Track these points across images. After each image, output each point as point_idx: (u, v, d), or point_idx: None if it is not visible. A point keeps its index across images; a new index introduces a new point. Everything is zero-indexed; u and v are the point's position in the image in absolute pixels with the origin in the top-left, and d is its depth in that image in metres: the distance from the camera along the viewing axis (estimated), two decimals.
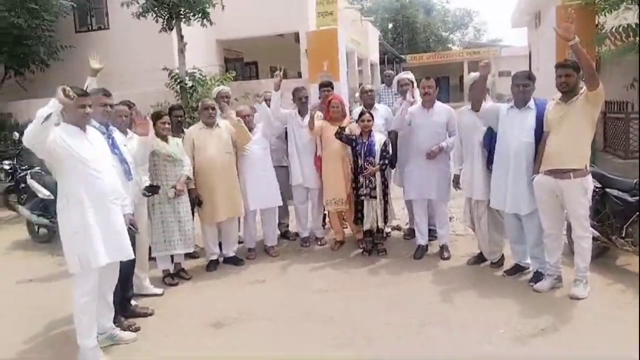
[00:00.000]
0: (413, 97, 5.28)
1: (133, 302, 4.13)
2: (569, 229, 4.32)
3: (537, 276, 4.21)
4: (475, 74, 4.57)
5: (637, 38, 7.63)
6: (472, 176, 4.52)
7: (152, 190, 4.26)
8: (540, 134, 4.05)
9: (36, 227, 6.64)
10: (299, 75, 12.10)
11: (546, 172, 3.93)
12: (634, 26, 7.75)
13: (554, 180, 3.88)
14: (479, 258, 4.78)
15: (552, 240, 4.06)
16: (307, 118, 5.52)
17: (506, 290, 4.16)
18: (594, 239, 4.14)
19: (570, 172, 3.82)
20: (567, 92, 3.84)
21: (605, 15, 8.39)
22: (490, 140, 4.36)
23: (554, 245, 4.07)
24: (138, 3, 8.08)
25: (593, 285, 3.99)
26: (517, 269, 4.46)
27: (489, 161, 4.36)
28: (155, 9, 7.96)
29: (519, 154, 4.10)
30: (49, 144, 3.13)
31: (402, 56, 31.11)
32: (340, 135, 5.10)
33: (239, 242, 5.50)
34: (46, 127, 3.03)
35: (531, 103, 4.14)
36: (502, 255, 4.68)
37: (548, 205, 3.99)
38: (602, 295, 3.93)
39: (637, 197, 4.17)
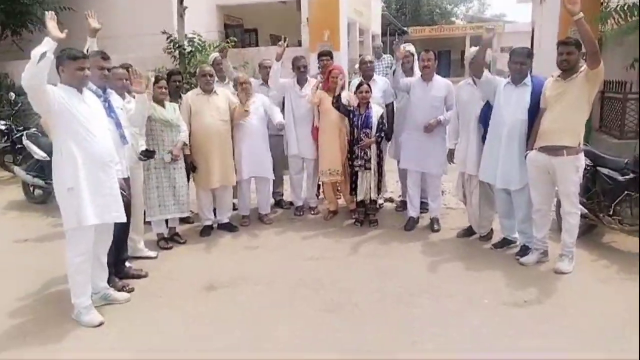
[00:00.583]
0: (412, 70, 5.26)
1: (127, 264, 4.20)
2: (558, 205, 4.38)
3: (524, 250, 4.30)
4: (475, 48, 4.56)
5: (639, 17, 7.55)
6: (466, 150, 4.55)
7: (148, 155, 4.28)
8: (534, 112, 4.07)
9: (31, 188, 6.67)
10: (299, 44, 11.95)
11: (540, 148, 3.97)
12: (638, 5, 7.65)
13: (547, 157, 3.92)
14: (468, 231, 4.86)
15: (541, 216, 4.13)
16: (305, 87, 5.51)
17: (493, 263, 4.25)
18: (582, 216, 4.20)
19: (563, 149, 3.85)
20: (568, 69, 3.84)
21: None
22: (486, 115, 4.38)
23: (543, 221, 4.14)
24: None
25: (578, 260, 4.08)
26: (505, 243, 4.54)
27: (485, 136, 4.38)
28: None
29: (513, 130, 4.12)
30: (47, 94, 3.12)
31: (405, 28, 30.66)
32: (337, 104, 5.10)
33: (234, 209, 5.56)
34: (42, 67, 3.03)
35: (527, 79, 4.14)
36: (491, 229, 4.76)
37: (539, 182, 4.04)
38: (586, 271, 4.02)
39: (627, 176, 4.23)
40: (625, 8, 7.62)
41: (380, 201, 5.65)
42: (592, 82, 3.79)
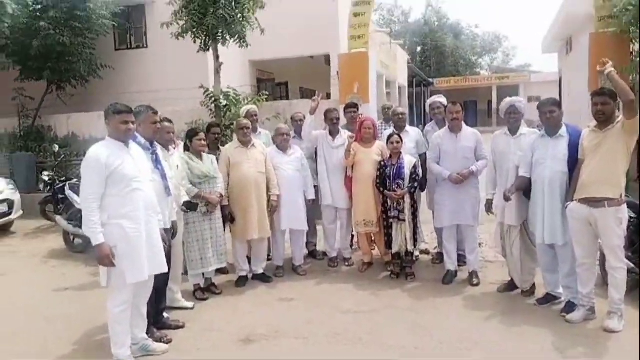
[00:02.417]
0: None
1: (165, 315, 4.22)
2: (603, 259, 4.25)
3: (570, 306, 4.14)
4: (511, 99, 4.61)
5: None
6: (505, 201, 4.50)
7: (190, 207, 4.38)
8: (573, 162, 4.03)
9: (72, 237, 6.85)
10: (328, 97, 12.25)
11: (580, 200, 3.90)
12: None
13: (588, 209, 3.84)
14: (510, 285, 4.73)
15: (585, 270, 4.00)
16: (338, 138, 5.61)
17: (538, 319, 4.10)
18: (629, 271, 4.05)
19: (604, 201, 3.78)
20: (604, 120, 3.82)
21: None
22: None
23: (587, 275, 4.01)
24: (178, 24, 8.36)
25: (627, 318, 3.90)
26: (549, 299, 4.39)
27: (527, 188, 4.32)
28: (194, 29, 8.23)
29: (553, 183, 4.08)
30: (99, 176, 3.37)
31: (430, 79, 31.15)
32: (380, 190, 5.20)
33: (268, 259, 5.57)
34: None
35: (563, 130, 4.13)
36: (534, 283, 4.62)
37: (582, 234, 3.94)
38: (637, 330, 3.82)
39: None
40: None
41: (416, 253, 5.58)
42: (629, 132, 3.75)
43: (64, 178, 7.93)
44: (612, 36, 8.28)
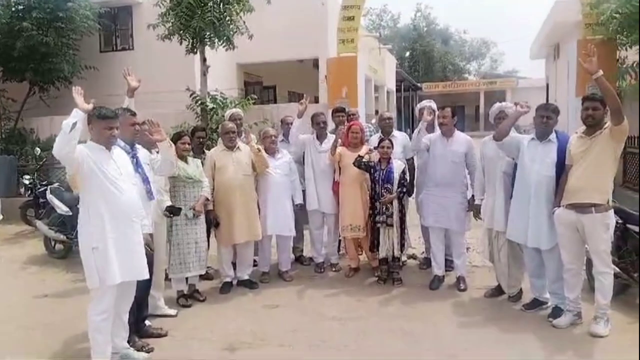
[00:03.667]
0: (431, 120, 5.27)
1: (147, 323, 4.12)
2: (589, 264, 4.24)
3: (556, 312, 4.13)
4: (500, 104, 4.60)
5: None
6: (493, 207, 4.48)
7: (173, 211, 4.29)
8: (561, 168, 4.03)
9: (52, 243, 6.70)
10: (316, 101, 12.21)
11: (567, 206, 3.89)
12: None
13: (575, 215, 3.84)
14: (497, 291, 4.70)
15: (572, 276, 3.99)
16: (325, 143, 5.56)
17: (525, 325, 4.08)
18: (615, 275, 4.05)
19: (592, 206, 3.77)
20: (592, 125, 3.82)
21: (626, 50, 8.39)
22: (514, 171, 4.33)
23: (574, 281, 4.00)
24: (164, 26, 8.27)
25: (614, 323, 3.89)
26: (536, 304, 4.37)
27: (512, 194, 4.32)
28: (181, 32, 8.14)
29: (540, 187, 4.07)
30: (76, 158, 3.22)
31: (419, 84, 31.30)
32: (359, 163, 5.11)
33: (254, 265, 5.49)
34: (72, 137, 3.15)
35: (552, 136, 4.13)
36: (521, 289, 4.60)
37: (568, 240, 3.93)
38: (623, 334, 3.82)
39: None
40: None
41: (403, 258, 5.54)
42: (616, 138, 3.76)
43: (45, 182, 7.76)
44: (599, 43, 8.35)
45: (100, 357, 3.37)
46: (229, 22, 8.36)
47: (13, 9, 10.34)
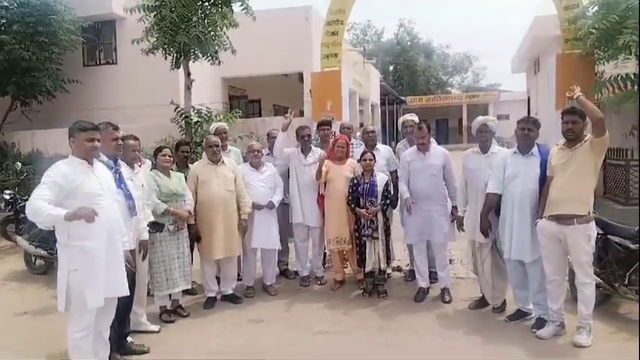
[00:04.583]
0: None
1: (129, 339, 4.04)
2: (572, 275, 4.28)
3: (540, 322, 4.16)
4: (483, 118, 4.66)
5: (636, 87, 7.80)
6: (475, 219, 4.51)
7: (156, 228, 4.24)
8: (543, 180, 4.08)
9: (33, 258, 6.57)
10: (301, 114, 12.27)
11: (550, 217, 3.93)
12: (632, 76, 7.94)
13: (557, 226, 3.88)
14: (481, 302, 4.72)
15: (555, 287, 4.02)
16: (310, 156, 5.57)
17: (509, 336, 4.09)
18: (597, 286, 4.10)
19: (573, 218, 3.82)
20: (573, 139, 3.88)
21: (604, 64, 8.60)
22: None
23: (557, 292, 4.03)
24: (149, 41, 8.26)
25: (596, 333, 3.92)
26: (520, 315, 4.40)
27: (497, 205, 4.35)
28: (165, 46, 8.14)
29: (523, 200, 4.11)
30: (53, 200, 3.13)
31: (402, 98, 31.61)
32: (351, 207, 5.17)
33: (238, 279, 5.44)
34: (45, 221, 3.10)
35: (535, 150, 4.18)
36: (505, 300, 4.62)
37: (551, 251, 3.97)
38: (605, 344, 3.86)
39: (639, 245, 4.16)
40: (620, 78, 7.90)
41: (388, 270, 5.54)
42: (597, 150, 3.82)
43: (26, 197, 7.60)
44: (578, 58, 8.56)
45: None
46: (214, 38, 8.38)
47: None
